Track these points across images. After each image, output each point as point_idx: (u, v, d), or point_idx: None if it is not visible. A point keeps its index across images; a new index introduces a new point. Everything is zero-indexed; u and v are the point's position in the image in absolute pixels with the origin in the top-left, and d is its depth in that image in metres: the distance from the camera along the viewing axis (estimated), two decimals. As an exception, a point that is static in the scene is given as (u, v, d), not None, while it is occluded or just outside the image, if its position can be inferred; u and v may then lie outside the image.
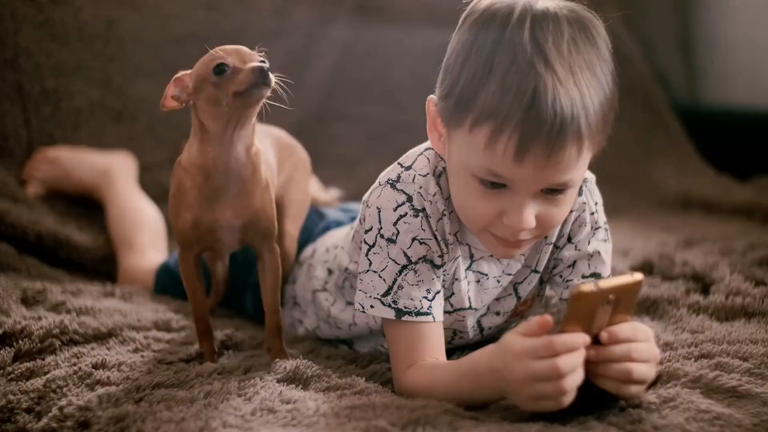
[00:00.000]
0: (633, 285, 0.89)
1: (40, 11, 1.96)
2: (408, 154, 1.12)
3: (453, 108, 0.99)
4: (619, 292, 0.89)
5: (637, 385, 0.93)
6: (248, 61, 1.07)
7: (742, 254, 1.61)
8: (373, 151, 2.30)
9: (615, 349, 0.91)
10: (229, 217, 1.12)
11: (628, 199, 2.35)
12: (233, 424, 0.93)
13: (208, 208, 1.11)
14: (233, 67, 1.07)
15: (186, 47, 2.18)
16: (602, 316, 0.90)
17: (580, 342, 0.88)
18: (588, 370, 0.91)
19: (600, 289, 0.86)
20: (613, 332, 0.91)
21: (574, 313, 0.87)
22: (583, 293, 0.86)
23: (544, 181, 0.97)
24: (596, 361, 0.91)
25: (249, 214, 1.13)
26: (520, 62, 0.94)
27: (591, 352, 0.90)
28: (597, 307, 0.88)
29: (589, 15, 1.00)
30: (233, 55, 1.08)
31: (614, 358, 0.91)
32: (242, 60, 1.08)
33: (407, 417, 0.92)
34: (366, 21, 2.45)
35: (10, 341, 1.19)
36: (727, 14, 2.69)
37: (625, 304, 0.91)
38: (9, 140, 1.88)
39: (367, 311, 1.09)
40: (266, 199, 1.14)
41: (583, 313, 0.88)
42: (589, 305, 0.87)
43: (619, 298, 0.89)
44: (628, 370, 0.91)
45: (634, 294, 0.92)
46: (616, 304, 0.90)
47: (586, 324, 0.89)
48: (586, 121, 0.94)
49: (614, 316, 0.91)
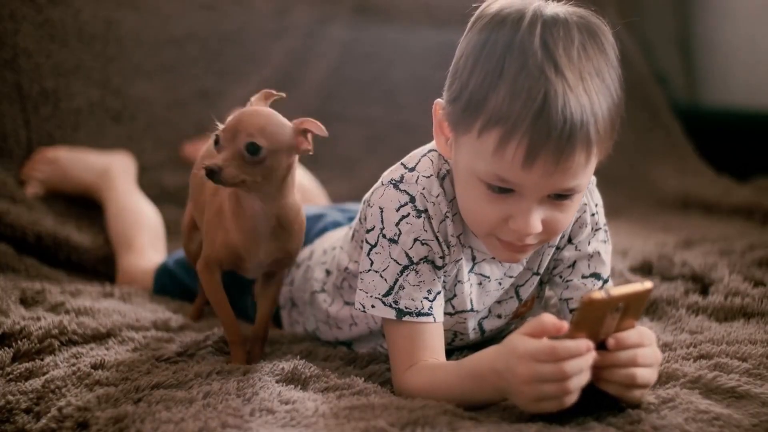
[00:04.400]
0: (642, 293, 0.90)
1: (40, 11, 1.96)
2: (411, 155, 1.12)
3: (461, 112, 0.99)
4: (629, 299, 0.89)
5: (640, 389, 0.94)
6: (233, 139, 1.05)
7: (741, 255, 1.61)
8: (373, 151, 2.30)
9: (621, 355, 0.91)
10: (260, 257, 1.15)
11: (627, 200, 2.35)
12: (232, 425, 0.93)
13: (245, 241, 1.13)
14: (221, 144, 1.06)
15: (185, 47, 2.18)
16: (610, 322, 0.90)
17: (583, 349, 0.88)
18: (592, 373, 0.91)
19: (610, 297, 0.87)
20: (621, 339, 0.91)
21: (583, 319, 0.88)
22: (594, 300, 0.86)
23: (551, 186, 0.97)
24: (602, 367, 0.91)
25: (278, 255, 1.16)
26: (530, 68, 0.93)
27: (597, 358, 0.90)
28: (606, 314, 0.89)
29: (598, 21, 1.00)
30: (227, 130, 1.06)
31: (620, 364, 0.91)
32: (229, 137, 1.05)
33: (406, 417, 0.91)
34: (365, 21, 2.46)
35: (9, 341, 1.19)
36: (727, 15, 2.69)
37: (634, 310, 0.91)
38: (8, 140, 1.88)
39: (368, 311, 1.09)
40: (300, 240, 1.17)
41: (592, 319, 0.88)
42: (598, 312, 0.88)
43: (628, 305, 0.90)
44: (633, 375, 0.91)
45: (643, 301, 0.93)
46: (625, 310, 0.90)
47: (594, 329, 0.89)
48: (595, 128, 0.94)
49: (622, 321, 0.91)
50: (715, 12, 2.74)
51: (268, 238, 1.14)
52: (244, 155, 1.04)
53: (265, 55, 2.30)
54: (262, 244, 1.14)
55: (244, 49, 2.28)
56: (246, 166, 1.04)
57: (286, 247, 1.16)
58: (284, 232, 1.14)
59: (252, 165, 1.05)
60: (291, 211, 1.13)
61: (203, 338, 1.23)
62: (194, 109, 2.18)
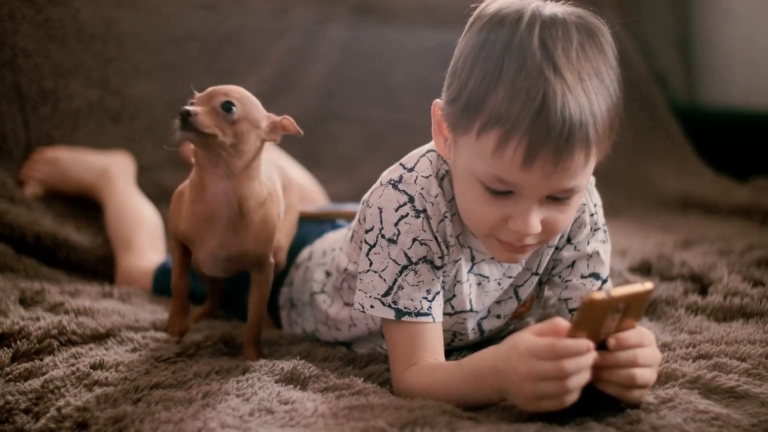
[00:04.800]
0: (643, 293, 0.90)
1: (39, 11, 1.96)
2: (410, 155, 1.12)
3: (460, 113, 0.99)
4: (630, 300, 0.89)
5: (639, 389, 0.94)
6: (209, 100, 1.08)
7: (740, 255, 1.61)
8: (372, 151, 2.30)
9: (621, 355, 0.91)
10: (214, 247, 1.14)
11: (626, 200, 2.36)
12: (231, 425, 0.93)
13: (196, 228, 1.13)
14: (192, 108, 1.07)
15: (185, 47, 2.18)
16: (610, 323, 0.91)
17: (583, 348, 0.88)
18: (591, 374, 0.91)
19: (611, 298, 0.87)
20: (621, 339, 0.91)
21: (583, 319, 0.88)
22: (594, 301, 0.86)
23: (551, 187, 0.97)
24: (602, 367, 0.91)
25: (236, 250, 1.15)
26: (529, 68, 0.93)
27: (597, 358, 0.90)
28: (606, 314, 0.89)
29: (596, 21, 1.00)
30: (202, 97, 1.09)
31: (620, 364, 0.91)
32: (205, 99, 1.08)
33: (405, 417, 0.92)
34: (365, 21, 2.46)
35: (8, 342, 1.19)
36: (726, 15, 2.69)
37: (634, 311, 0.92)
38: (7, 140, 1.88)
39: (367, 311, 1.09)
40: (260, 239, 1.15)
41: (592, 319, 0.88)
42: (599, 312, 0.88)
43: (628, 305, 0.90)
44: (632, 376, 0.91)
45: (644, 302, 0.93)
46: (625, 311, 0.90)
47: (595, 329, 0.90)
48: (594, 128, 0.94)
49: (622, 322, 0.92)
50: (715, 12, 2.74)
51: (224, 228, 1.12)
52: (219, 111, 1.06)
53: (264, 55, 2.30)
54: (217, 233, 1.13)
55: (244, 49, 2.28)
56: (219, 121, 1.06)
57: (242, 243, 1.14)
58: (242, 224, 1.12)
59: (225, 123, 1.07)
60: (254, 199, 1.13)
61: (202, 339, 1.23)
62: (194, 109, 2.18)
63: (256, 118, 1.11)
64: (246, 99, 1.10)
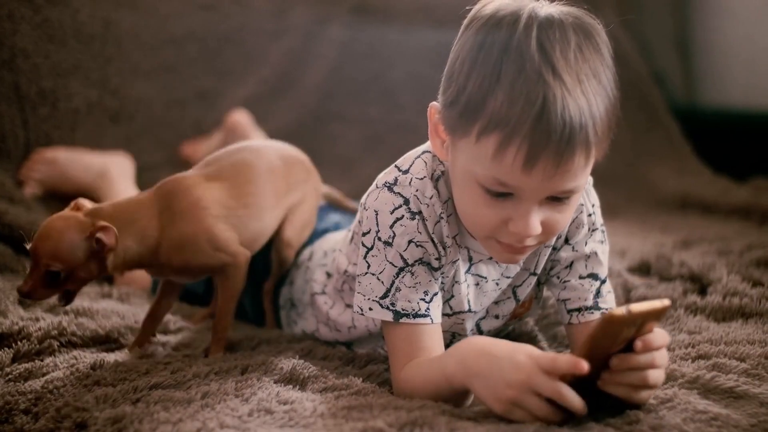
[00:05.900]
0: (661, 310, 0.91)
1: (38, 12, 1.96)
2: (405, 156, 1.11)
3: (458, 117, 0.98)
4: (648, 316, 0.90)
5: (649, 390, 0.94)
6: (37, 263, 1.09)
7: (739, 255, 1.61)
8: (371, 151, 2.30)
9: (641, 358, 0.92)
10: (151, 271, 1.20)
11: (625, 200, 2.36)
12: (230, 425, 0.93)
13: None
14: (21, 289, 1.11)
15: (184, 47, 2.18)
16: (626, 336, 0.92)
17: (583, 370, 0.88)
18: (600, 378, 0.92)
19: (631, 314, 0.88)
20: (648, 341, 0.92)
21: (602, 335, 0.89)
22: (615, 317, 0.87)
23: (551, 189, 0.97)
24: (619, 370, 0.92)
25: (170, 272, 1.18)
26: (528, 72, 0.93)
27: (614, 361, 0.91)
28: (623, 329, 0.90)
29: (592, 21, 1.00)
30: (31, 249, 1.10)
31: (640, 366, 0.92)
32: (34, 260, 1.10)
33: (405, 417, 0.91)
34: (364, 21, 2.46)
35: (8, 342, 1.19)
36: (725, 15, 2.70)
37: (649, 325, 0.93)
38: (6, 141, 1.88)
39: (366, 313, 1.09)
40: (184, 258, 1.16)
41: (610, 334, 0.89)
42: (617, 328, 0.89)
43: (644, 320, 0.91)
44: (645, 377, 0.92)
45: (660, 317, 0.94)
46: (641, 325, 0.91)
47: (608, 344, 0.91)
48: (593, 129, 0.94)
49: (637, 335, 0.93)
50: (714, 12, 2.74)
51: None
52: (47, 281, 1.09)
53: (264, 55, 2.30)
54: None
55: (243, 50, 2.28)
56: (57, 284, 1.09)
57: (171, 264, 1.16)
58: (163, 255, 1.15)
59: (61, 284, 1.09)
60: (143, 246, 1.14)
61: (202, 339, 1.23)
62: (193, 109, 2.18)
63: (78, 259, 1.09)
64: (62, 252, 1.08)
